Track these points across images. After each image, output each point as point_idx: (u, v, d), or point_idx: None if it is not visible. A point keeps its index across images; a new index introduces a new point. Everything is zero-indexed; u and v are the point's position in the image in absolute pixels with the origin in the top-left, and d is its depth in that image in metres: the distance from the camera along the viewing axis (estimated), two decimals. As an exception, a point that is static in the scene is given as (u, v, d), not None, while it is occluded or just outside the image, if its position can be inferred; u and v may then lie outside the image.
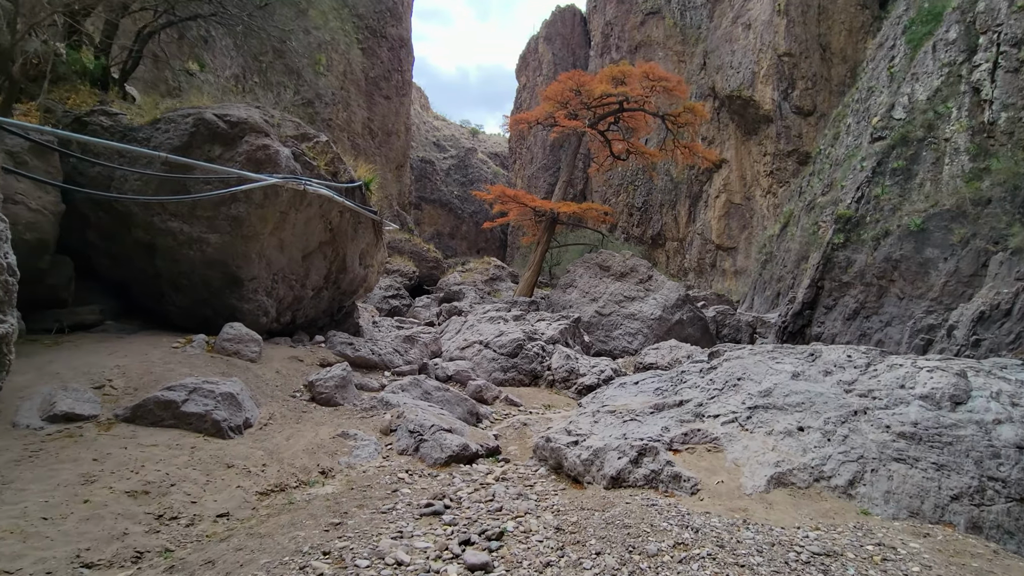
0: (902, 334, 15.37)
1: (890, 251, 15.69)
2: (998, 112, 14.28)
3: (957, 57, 15.52)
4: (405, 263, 19.26)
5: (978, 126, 14.72)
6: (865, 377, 4.22)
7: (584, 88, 14.70)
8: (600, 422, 4.90)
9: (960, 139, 14.97)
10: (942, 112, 15.52)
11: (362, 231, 8.35)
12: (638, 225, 31.92)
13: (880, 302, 15.96)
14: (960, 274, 14.36)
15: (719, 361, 5.29)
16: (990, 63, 14.62)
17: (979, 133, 14.68)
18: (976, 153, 14.61)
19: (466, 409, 6.57)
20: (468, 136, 41.63)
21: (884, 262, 15.81)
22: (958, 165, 14.94)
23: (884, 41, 20.62)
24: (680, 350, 11.21)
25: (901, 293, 15.52)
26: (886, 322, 15.81)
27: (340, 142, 22.03)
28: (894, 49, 19.75)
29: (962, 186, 14.74)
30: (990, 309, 13.30)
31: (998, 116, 14.28)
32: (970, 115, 14.91)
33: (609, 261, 13.89)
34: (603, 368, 9.12)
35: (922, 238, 15.12)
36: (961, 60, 15.45)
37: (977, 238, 14.18)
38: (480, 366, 9.21)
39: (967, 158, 14.79)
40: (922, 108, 16.08)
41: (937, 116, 15.60)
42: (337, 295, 8.48)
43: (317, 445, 4.69)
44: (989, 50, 14.74)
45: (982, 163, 14.43)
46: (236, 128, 6.56)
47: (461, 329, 10.75)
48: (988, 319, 13.26)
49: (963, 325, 13.63)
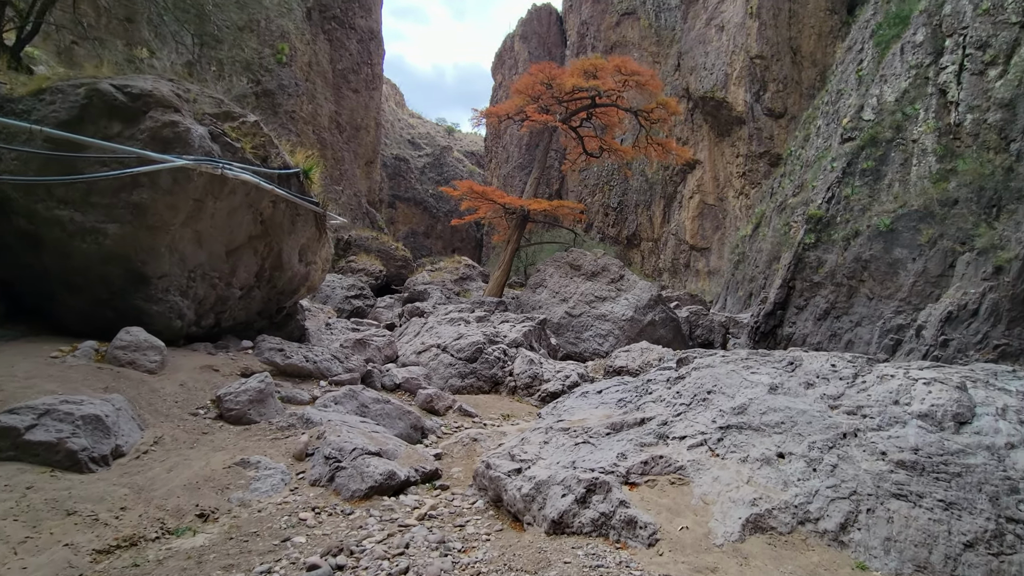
0: (872, 334, 15.14)
1: (860, 251, 15.46)
2: (964, 114, 14.14)
3: (924, 59, 15.39)
4: (372, 262, 18.26)
5: (945, 127, 14.58)
6: (853, 391, 3.56)
7: (555, 81, 14.01)
8: (551, 442, 4.14)
9: (927, 140, 14.81)
10: (910, 113, 15.37)
11: (301, 224, 7.43)
12: (613, 225, 31.50)
13: (850, 302, 15.72)
14: (928, 274, 14.18)
15: (688, 370, 4.59)
16: (956, 65, 14.50)
17: (946, 134, 14.54)
18: (943, 154, 14.46)
19: (409, 423, 5.74)
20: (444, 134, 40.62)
21: (854, 262, 15.57)
22: (925, 166, 14.78)
23: (853, 44, 20.55)
24: (651, 352, 10.58)
25: (871, 293, 15.29)
26: (856, 322, 15.57)
27: (305, 135, 20.86)
28: (862, 52, 19.67)
29: (929, 187, 14.57)
30: (958, 309, 13.10)
31: (964, 118, 14.14)
32: (937, 117, 14.77)
33: (580, 260, 13.22)
34: (568, 373, 8.40)
35: (891, 238, 14.91)
36: (928, 62, 15.32)
37: (944, 238, 14.01)
38: (436, 372, 8.39)
39: (934, 159, 14.64)
40: (890, 109, 15.92)
41: (905, 117, 15.44)
42: (273, 295, 7.54)
43: (205, 477, 3.81)
44: (955, 52, 14.62)
45: (949, 164, 14.28)
46: (138, 101, 5.58)
47: (420, 331, 9.91)
48: (956, 319, 13.07)
49: (931, 325, 13.42)
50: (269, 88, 20.18)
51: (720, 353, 5.14)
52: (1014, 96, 13.30)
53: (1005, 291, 12.43)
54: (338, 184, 22.04)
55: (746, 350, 5.19)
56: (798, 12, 23.51)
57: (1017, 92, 13.26)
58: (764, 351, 4.92)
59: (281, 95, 20.21)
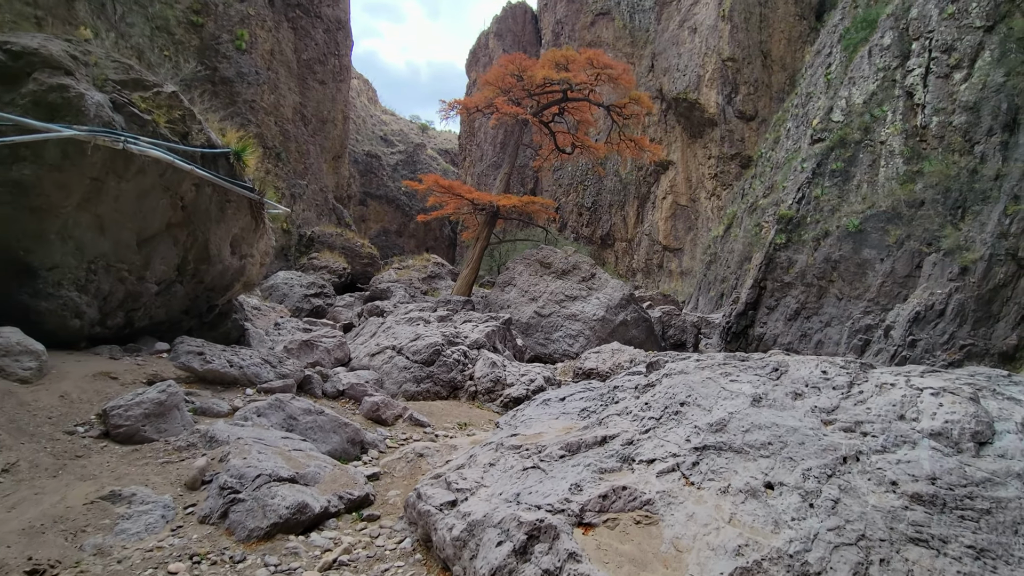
0: (841, 334, 15.01)
1: (829, 251, 15.32)
2: (930, 116, 14.13)
3: (891, 62, 15.37)
4: (335, 259, 17.24)
5: (911, 129, 14.56)
6: (849, 403, 2.97)
7: (526, 73, 13.35)
8: (498, 464, 3.44)
9: (895, 142, 14.77)
10: (878, 115, 15.32)
11: (233, 212, 6.54)
12: (587, 225, 31.13)
13: (820, 302, 15.57)
14: (896, 275, 14.10)
15: (658, 376, 3.96)
16: (922, 68, 14.48)
17: (912, 136, 14.51)
18: (910, 156, 14.42)
19: (346, 437, 4.96)
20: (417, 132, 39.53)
21: (824, 262, 15.43)
22: (893, 167, 14.73)
23: (821, 48, 20.59)
24: (622, 354, 9.99)
25: (840, 294, 15.17)
26: (826, 322, 15.44)
27: (266, 127, 19.66)
28: (831, 56, 19.70)
29: (897, 188, 14.52)
30: (925, 310, 13.02)
31: (930, 120, 14.13)
32: (904, 119, 14.74)
33: (550, 258, 12.59)
34: (533, 377, 7.73)
35: (860, 239, 14.81)
36: (895, 65, 15.30)
37: (911, 239, 13.95)
38: (389, 376, 7.60)
39: (901, 161, 14.60)
40: (859, 111, 15.86)
41: (873, 119, 15.39)
42: (201, 291, 6.61)
43: (57, 517, 2.96)
44: (922, 55, 14.61)
45: (915, 166, 14.24)
46: (20, 61, 4.65)
47: (377, 332, 9.09)
48: (923, 319, 12.98)
49: (899, 326, 13.31)
50: (227, 76, 18.93)
51: (694, 357, 4.52)
52: (978, 99, 13.31)
53: (970, 291, 12.38)
54: (303, 178, 20.90)
55: (723, 354, 4.58)
56: (768, 16, 23.57)
57: (981, 95, 13.28)
58: (743, 355, 4.32)
59: (240, 83, 18.98)
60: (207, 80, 18.66)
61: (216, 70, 18.68)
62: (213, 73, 18.68)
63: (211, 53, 18.60)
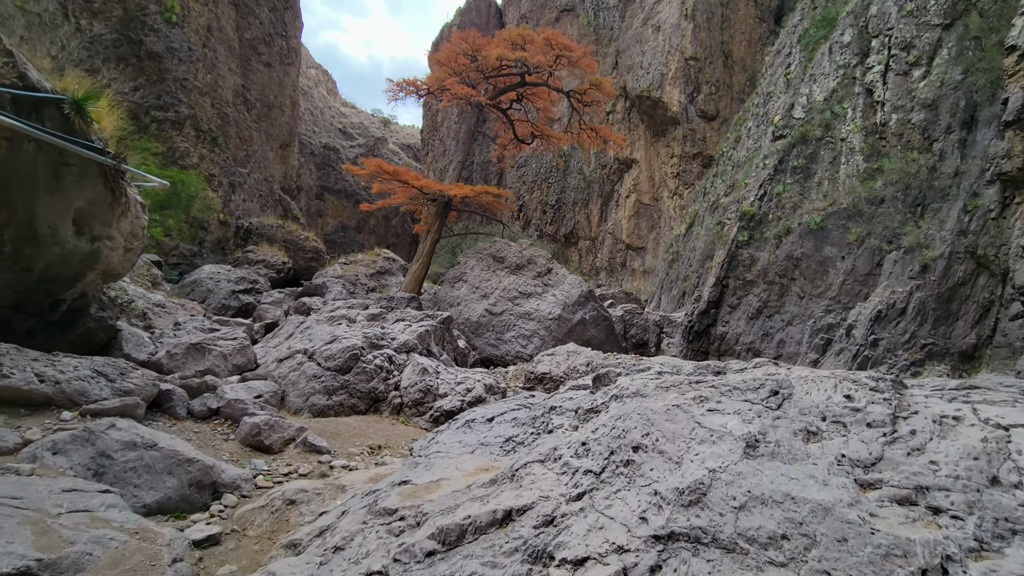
0: (803, 333, 14.42)
1: (791, 249, 14.73)
2: (889, 113, 13.69)
3: (851, 60, 14.92)
4: (275, 253, 15.41)
5: (871, 127, 14.11)
6: (898, 451, 1.82)
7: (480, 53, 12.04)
8: (351, 545, 2.12)
9: (855, 139, 14.30)
10: (838, 112, 14.84)
11: (74, 181, 4.94)
12: (551, 223, 30.13)
13: (782, 301, 14.96)
14: (857, 273, 13.59)
15: (606, 399, 2.72)
16: (882, 65, 14.04)
17: (872, 134, 14.06)
18: (870, 153, 13.96)
19: (187, 480, 3.53)
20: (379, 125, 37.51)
21: (786, 260, 14.82)
22: (853, 164, 14.25)
23: (781, 48, 20.18)
24: (579, 356, 8.83)
25: (802, 292, 14.59)
26: (787, 321, 14.83)
27: (201, 108, 17.57)
28: (790, 56, 19.28)
29: (858, 185, 14.03)
30: (886, 308, 12.48)
31: (889, 117, 13.69)
32: (864, 116, 14.28)
33: (504, 252, 11.33)
34: (472, 386, 6.43)
35: (821, 236, 14.26)
36: (855, 63, 14.86)
37: (872, 237, 13.46)
38: (295, 387, 6.14)
39: (862, 158, 14.12)
40: (819, 108, 15.36)
41: (834, 116, 14.90)
42: (31, 281, 4.99)
43: None
44: (881, 53, 14.18)
45: (875, 163, 13.79)
46: None
47: (294, 332, 7.58)
48: (885, 318, 12.44)
49: (861, 324, 12.75)
50: (155, 50, 16.76)
51: (655, 367, 3.33)
52: (936, 96, 12.90)
53: (931, 290, 11.89)
54: (244, 166, 18.86)
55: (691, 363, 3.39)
56: (730, 17, 23.18)
57: (939, 93, 12.87)
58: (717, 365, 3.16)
59: (170, 59, 16.84)
60: (131, 55, 16.37)
61: (142, 43, 16.48)
62: (138, 47, 16.45)
63: (136, 25, 16.39)
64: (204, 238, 17.72)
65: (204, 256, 17.36)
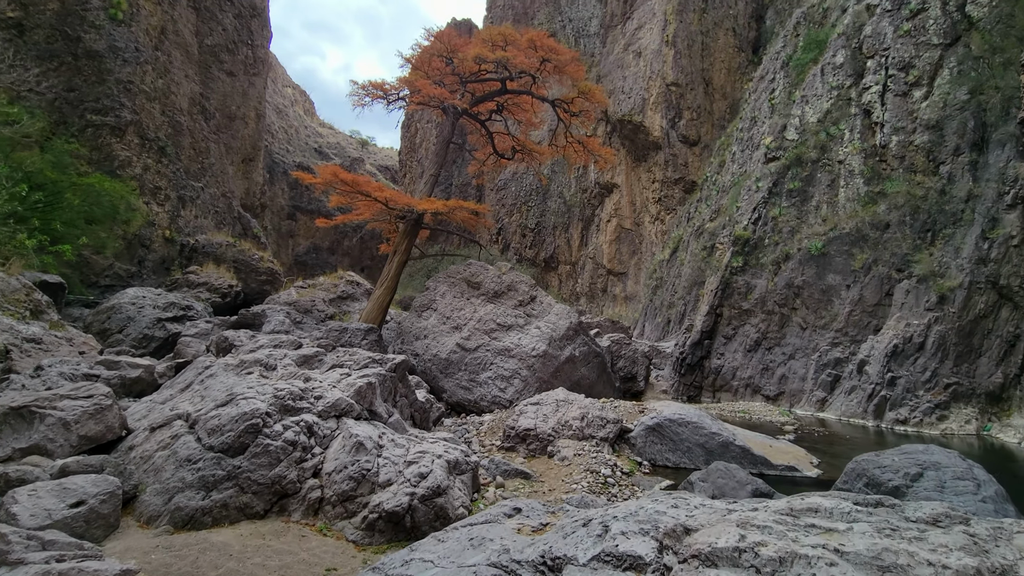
0: (807, 368, 12.77)
1: (792, 276, 13.22)
2: (889, 135, 12.52)
3: (845, 80, 13.86)
4: (221, 274, 13.04)
5: (870, 148, 12.92)
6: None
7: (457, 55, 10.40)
8: None
9: (854, 161, 13.06)
10: (834, 134, 13.67)
11: None
12: (531, 247, 28.44)
13: (782, 332, 13.34)
14: (864, 303, 12.10)
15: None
16: (879, 86, 12.95)
17: (872, 156, 12.86)
18: (870, 176, 12.72)
19: None
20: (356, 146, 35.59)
21: (786, 288, 13.28)
22: (854, 188, 12.97)
23: (764, 75, 19.30)
24: (570, 408, 6.81)
25: (804, 323, 13.01)
26: (789, 355, 13.17)
27: (147, 114, 15.30)
28: (774, 82, 18.32)
29: (859, 209, 12.70)
30: (903, 343, 10.90)
31: (889, 139, 12.51)
32: (862, 137, 13.10)
33: (480, 276, 9.36)
34: (428, 466, 4.37)
35: (823, 263, 12.82)
36: (849, 83, 13.79)
37: (879, 264, 12.05)
38: (158, 476, 3.95)
39: (862, 181, 12.85)
40: (813, 129, 14.19)
41: (829, 137, 13.72)
42: None
43: None
44: (878, 73, 13.12)
45: (877, 186, 12.52)
46: None
47: (192, 383, 5.40)
48: (901, 354, 10.84)
49: (876, 360, 11.13)
50: (95, 48, 14.56)
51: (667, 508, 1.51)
52: (941, 117, 11.74)
53: (951, 323, 10.37)
54: (198, 179, 16.53)
55: (723, 502, 1.15)
56: (710, 46, 22.50)
57: (944, 113, 11.72)
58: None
59: (112, 60, 14.65)
60: (67, 52, 14.03)
61: (80, 40, 14.27)
62: (75, 44, 14.19)
63: (74, 20, 14.21)
64: (145, 257, 15.19)
65: (144, 277, 14.80)
